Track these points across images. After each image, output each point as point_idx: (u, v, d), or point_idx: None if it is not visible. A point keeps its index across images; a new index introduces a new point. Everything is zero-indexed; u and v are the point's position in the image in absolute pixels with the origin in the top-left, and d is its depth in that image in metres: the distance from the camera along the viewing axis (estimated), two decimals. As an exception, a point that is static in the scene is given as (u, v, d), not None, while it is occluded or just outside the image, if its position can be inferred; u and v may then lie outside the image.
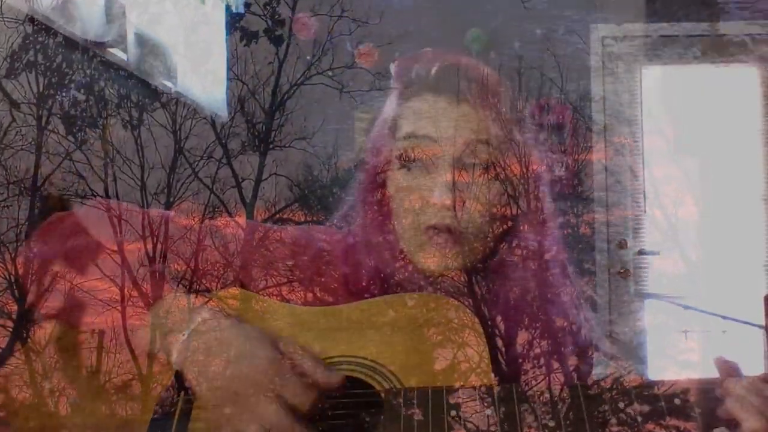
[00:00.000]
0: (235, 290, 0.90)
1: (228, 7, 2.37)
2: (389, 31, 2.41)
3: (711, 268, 2.59)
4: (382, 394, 0.78)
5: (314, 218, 2.97)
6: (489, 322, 0.87)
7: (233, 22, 2.49)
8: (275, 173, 2.95)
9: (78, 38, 1.78)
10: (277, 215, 2.91)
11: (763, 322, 1.96)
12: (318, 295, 0.91)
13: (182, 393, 0.81)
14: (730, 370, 0.78)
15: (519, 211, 0.90)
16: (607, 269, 2.64)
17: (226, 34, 2.38)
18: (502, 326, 0.88)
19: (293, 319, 0.85)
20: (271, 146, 2.95)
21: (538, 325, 0.89)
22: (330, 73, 2.89)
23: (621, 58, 2.64)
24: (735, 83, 2.63)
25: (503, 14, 2.33)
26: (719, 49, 2.58)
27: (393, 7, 2.58)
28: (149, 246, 0.92)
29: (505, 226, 0.91)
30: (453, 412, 0.75)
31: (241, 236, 1.02)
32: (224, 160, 2.82)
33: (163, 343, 0.80)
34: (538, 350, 0.88)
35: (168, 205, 2.57)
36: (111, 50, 1.86)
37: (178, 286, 0.89)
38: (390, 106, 0.96)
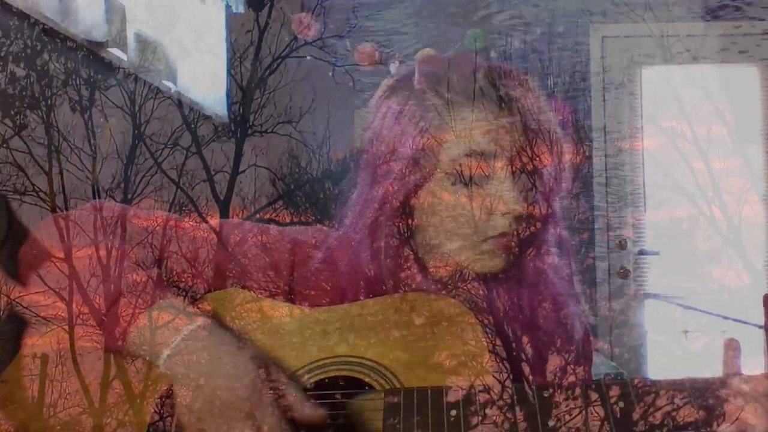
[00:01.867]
0: (233, 291, 1.01)
1: (228, 7, 2.66)
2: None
3: (711, 268, 2.98)
4: (382, 394, 0.89)
5: (302, 218, 2.94)
6: (493, 302, 1.03)
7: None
8: (255, 164, 2.90)
9: (78, 38, 1.99)
10: (258, 215, 2.87)
11: (762, 322, 2.15)
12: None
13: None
14: (734, 350, 0.90)
15: (547, 212, 1.04)
16: (607, 269, 3.04)
17: (227, 34, 2.64)
18: (513, 330, 1.02)
19: (295, 318, 0.97)
20: (249, 132, 2.92)
21: (543, 329, 1.04)
22: (321, 44, 2.87)
23: (621, 58, 3.05)
24: (735, 83, 3.08)
25: (504, 13, 2.62)
26: (719, 49, 3.03)
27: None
28: (102, 252, 0.99)
29: (533, 229, 1.04)
30: (453, 412, 0.85)
31: (213, 241, 1.07)
32: (193, 149, 2.80)
33: (153, 348, 0.90)
34: (542, 354, 1.02)
35: (125, 203, 2.49)
36: (111, 50, 2.09)
37: (171, 290, 0.99)
38: (417, 110, 1.03)
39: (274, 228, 1.11)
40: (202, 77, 2.58)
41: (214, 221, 1.14)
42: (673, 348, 2.86)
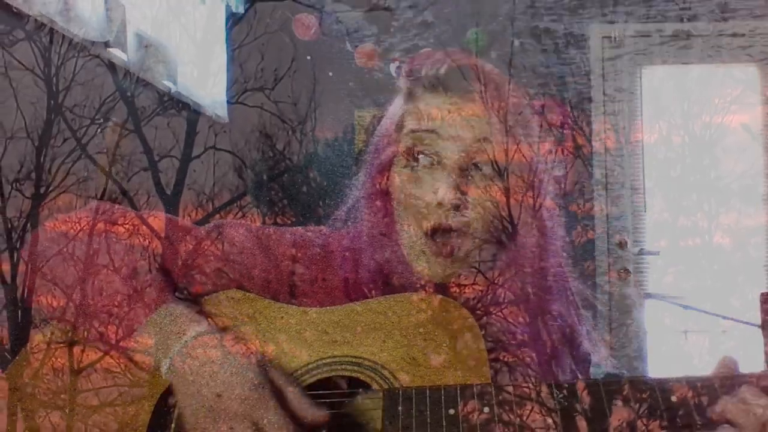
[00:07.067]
0: (234, 292, 1.25)
1: (228, 7, 3.05)
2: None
3: (711, 268, 3.67)
4: (381, 394, 1.12)
5: (278, 219, 2.92)
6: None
7: None
8: (213, 147, 2.92)
9: (78, 38, 2.39)
10: (218, 214, 2.87)
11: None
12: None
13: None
14: (729, 367, 1.10)
15: (521, 214, 1.29)
16: (607, 269, 3.77)
17: (227, 34, 3.02)
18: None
19: (296, 319, 1.22)
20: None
21: (537, 330, 1.29)
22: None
23: (621, 58, 3.83)
24: (735, 83, 3.84)
25: (504, 13, 3.13)
26: (719, 49, 3.77)
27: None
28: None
29: (507, 230, 1.29)
30: (451, 411, 1.08)
31: (158, 249, 1.23)
32: (130, 125, 2.80)
33: (156, 354, 1.15)
34: (536, 354, 1.28)
35: (37, 200, 2.49)
36: (111, 50, 2.51)
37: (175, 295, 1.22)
38: (397, 104, 1.35)
39: (272, 229, 1.34)
40: (202, 77, 2.97)
41: (158, 223, 1.28)
42: (673, 348, 3.56)
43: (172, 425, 1.18)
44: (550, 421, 1.06)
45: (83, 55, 2.56)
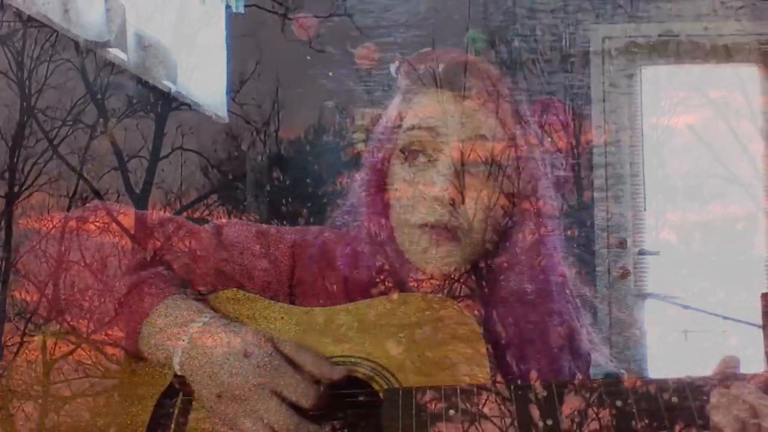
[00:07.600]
0: (234, 292, 1.23)
1: (228, 7, 3.12)
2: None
3: (711, 268, 3.65)
4: (381, 394, 1.10)
5: (242, 217, 2.91)
6: (492, 325, 1.25)
7: None
8: (181, 147, 2.92)
9: (78, 38, 2.37)
10: (185, 212, 2.85)
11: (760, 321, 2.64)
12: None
13: (181, 393, 1.16)
14: (729, 366, 1.08)
15: (518, 211, 1.29)
16: (607, 269, 3.74)
17: (226, 34, 3.07)
18: (503, 328, 1.26)
19: (296, 319, 1.20)
20: (173, 104, 2.92)
21: (534, 330, 1.28)
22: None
23: (621, 58, 3.82)
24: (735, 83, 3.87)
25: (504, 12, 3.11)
26: (719, 49, 3.73)
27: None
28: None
29: (505, 227, 1.28)
30: (451, 411, 1.06)
31: (127, 247, 1.21)
32: (100, 127, 2.76)
33: (165, 347, 1.13)
34: (534, 354, 1.26)
35: (11, 199, 2.46)
36: (111, 50, 2.49)
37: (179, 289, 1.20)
38: (395, 103, 1.34)
39: (272, 229, 1.33)
40: (202, 77, 3.01)
41: (127, 220, 1.26)
42: (673, 348, 3.55)
43: (172, 425, 1.15)
44: (549, 422, 1.04)
45: (55, 59, 2.58)
